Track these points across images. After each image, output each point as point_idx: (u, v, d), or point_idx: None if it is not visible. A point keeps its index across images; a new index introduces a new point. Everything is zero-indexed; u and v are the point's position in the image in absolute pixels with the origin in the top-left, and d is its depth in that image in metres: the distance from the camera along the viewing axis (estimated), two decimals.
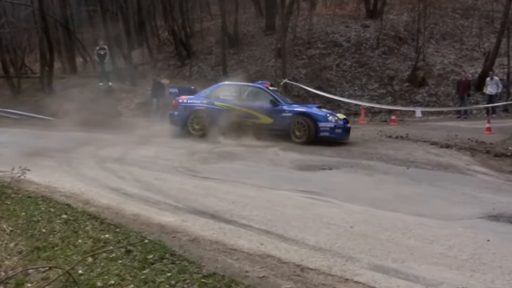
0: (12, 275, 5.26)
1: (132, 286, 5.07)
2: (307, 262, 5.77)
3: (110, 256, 5.81)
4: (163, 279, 5.17)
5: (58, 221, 7.23)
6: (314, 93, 24.58)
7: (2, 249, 6.02)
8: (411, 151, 14.37)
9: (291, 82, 25.44)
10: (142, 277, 5.25)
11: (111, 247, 6.06)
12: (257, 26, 34.08)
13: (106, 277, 5.25)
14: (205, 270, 5.39)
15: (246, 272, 5.45)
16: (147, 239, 6.36)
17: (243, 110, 16.57)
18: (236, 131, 16.07)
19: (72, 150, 14.30)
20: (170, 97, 19.44)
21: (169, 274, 5.28)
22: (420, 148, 14.79)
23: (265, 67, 28.97)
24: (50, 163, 12.52)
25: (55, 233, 6.72)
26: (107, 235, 6.59)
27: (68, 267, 5.28)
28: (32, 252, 6.03)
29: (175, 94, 18.62)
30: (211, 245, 6.32)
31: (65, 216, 7.50)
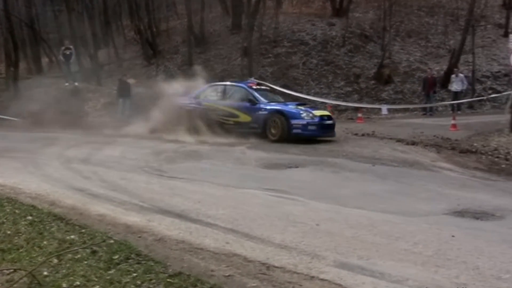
0: None
1: (98, 286, 5.02)
2: (273, 260, 5.76)
3: (76, 257, 5.75)
4: (128, 280, 5.13)
5: (23, 223, 7.15)
6: (280, 91, 24.60)
7: None
8: (377, 148, 14.48)
9: (257, 81, 25.43)
10: (108, 277, 5.20)
11: (76, 248, 6.01)
12: (223, 25, 34.04)
13: (72, 278, 5.19)
14: (171, 270, 5.35)
15: (212, 271, 5.43)
16: (112, 239, 6.32)
17: (225, 109, 16.95)
18: (209, 129, 16.34)
19: (37, 151, 14.18)
20: (136, 97, 19.41)
21: (135, 274, 5.24)
22: (386, 145, 14.91)
23: (231, 66, 28.96)
24: (15, 164, 12.40)
25: (20, 234, 6.64)
26: (72, 236, 6.53)
27: (31, 268, 5.24)
28: None
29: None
30: (177, 245, 6.30)
31: (30, 217, 7.41)
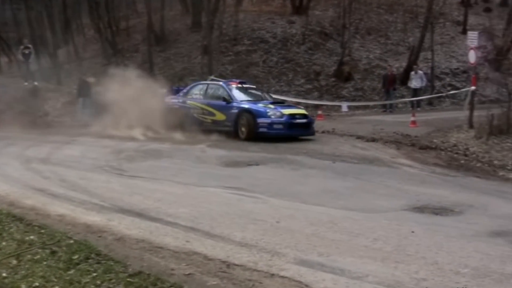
0: None
1: (57, 287, 5.00)
2: (233, 258, 5.79)
3: (35, 258, 5.72)
4: (88, 280, 5.11)
5: None
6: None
7: None
8: (337, 145, 14.63)
9: (217, 79, 25.36)
10: (67, 278, 5.18)
11: (35, 248, 5.98)
12: (183, 23, 33.82)
13: (31, 279, 5.16)
14: (130, 269, 5.35)
15: (172, 270, 5.44)
16: (72, 239, 6.29)
17: (205, 108, 17.14)
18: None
19: None
20: (96, 96, 19.31)
21: (95, 274, 5.23)
22: (346, 142, 15.06)
23: (192, 64, 28.84)
24: None
25: None
26: (32, 237, 6.48)
27: None
28: None
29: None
30: (137, 244, 6.30)
31: None
